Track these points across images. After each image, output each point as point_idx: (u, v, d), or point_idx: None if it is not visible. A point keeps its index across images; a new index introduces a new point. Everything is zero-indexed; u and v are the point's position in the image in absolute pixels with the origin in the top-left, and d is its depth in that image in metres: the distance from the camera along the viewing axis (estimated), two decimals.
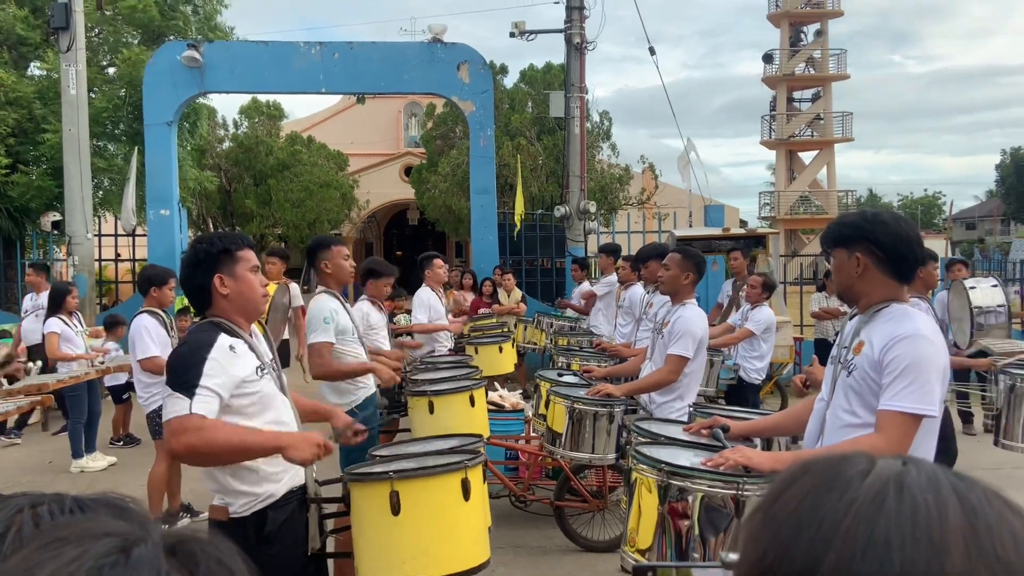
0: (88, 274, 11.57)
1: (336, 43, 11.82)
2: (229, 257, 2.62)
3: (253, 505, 2.55)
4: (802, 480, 0.61)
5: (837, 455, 0.63)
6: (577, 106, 12.54)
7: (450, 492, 2.62)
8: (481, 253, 11.95)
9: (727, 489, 2.35)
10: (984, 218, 51.58)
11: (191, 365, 2.43)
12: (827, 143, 33.58)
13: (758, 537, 0.60)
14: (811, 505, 0.58)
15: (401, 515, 2.52)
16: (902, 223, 2.47)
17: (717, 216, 14.09)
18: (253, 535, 2.53)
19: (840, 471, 0.60)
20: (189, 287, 2.67)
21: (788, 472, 0.63)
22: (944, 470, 0.60)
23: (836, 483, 0.59)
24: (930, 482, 0.58)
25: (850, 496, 0.57)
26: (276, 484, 2.59)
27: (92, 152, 12.40)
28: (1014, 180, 38.60)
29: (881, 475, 0.59)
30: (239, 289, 2.62)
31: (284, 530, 2.59)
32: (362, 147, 28.96)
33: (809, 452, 2.56)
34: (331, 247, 4.42)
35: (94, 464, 7.30)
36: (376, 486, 2.58)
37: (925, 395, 2.28)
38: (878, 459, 0.61)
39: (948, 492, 0.57)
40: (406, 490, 2.54)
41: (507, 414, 6.32)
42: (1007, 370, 5.14)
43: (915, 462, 0.61)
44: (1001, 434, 5.09)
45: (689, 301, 4.30)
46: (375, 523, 2.58)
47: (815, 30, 33.82)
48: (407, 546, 2.56)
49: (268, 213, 23.41)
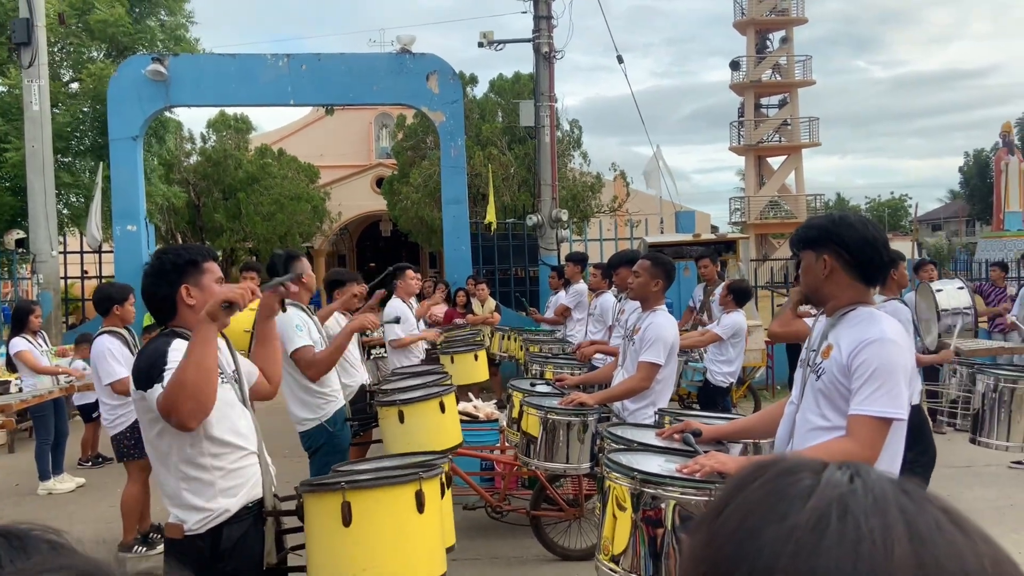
0: (54, 292, 11.37)
1: (304, 55, 11.77)
2: (195, 268, 2.65)
3: (208, 522, 2.53)
4: (746, 494, 0.58)
5: (785, 464, 0.60)
6: (547, 115, 12.58)
7: (403, 504, 2.59)
8: (454, 263, 11.93)
9: (700, 496, 2.34)
10: (949, 219, 52.44)
11: (153, 362, 2.47)
12: (795, 148, 33.99)
13: (699, 557, 0.57)
14: (752, 529, 0.55)
15: (352, 526, 2.50)
16: (868, 226, 2.49)
17: (688, 222, 14.18)
18: (208, 552, 2.51)
19: (784, 489, 0.57)
20: (153, 297, 2.65)
21: (735, 480, 0.60)
22: (894, 487, 0.56)
23: (779, 504, 0.56)
24: (876, 504, 0.54)
25: (791, 523, 0.54)
26: (232, 499, 2.57)
27: (57, 168, 12.22)
28: (977, 181, 39.33)
29: (824, 496, 0.55)
30: (204, 300, 2.62)
31: (239, 546, 2.57)
32: (333, 159, 28.81)
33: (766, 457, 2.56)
34: (301, 259, 4.48)
35: (62, 486, 7.16)
36: (327, 496, 2.56)
37: (894, 398, 2.30)
38: (825, 473, 0.58)
39: (895, 517, 0.53)
40: (357, 500, 2.52)
41: (481, 424, 6.29)
42: (986, 370, 5.19)
43: (863, 477, 0.57)
44: (979, 432, 5.14)
45: (659, 307, 4.31)
46: (327, 534, 2.56)
47: (781, 37, 34.27)
48: (358, 557, 2.53)
49: (238, 227, 23.17)
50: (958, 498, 6.05)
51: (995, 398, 5.03)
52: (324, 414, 4.36)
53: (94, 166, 13.08)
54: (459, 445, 4.53)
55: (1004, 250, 19.16)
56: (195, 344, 2.40)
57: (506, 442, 5.82)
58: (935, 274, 8.12)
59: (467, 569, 4.96)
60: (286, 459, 5.70)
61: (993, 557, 0.53)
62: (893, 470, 2.36)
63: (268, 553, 2.69)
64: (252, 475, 2.66)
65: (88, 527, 6.15)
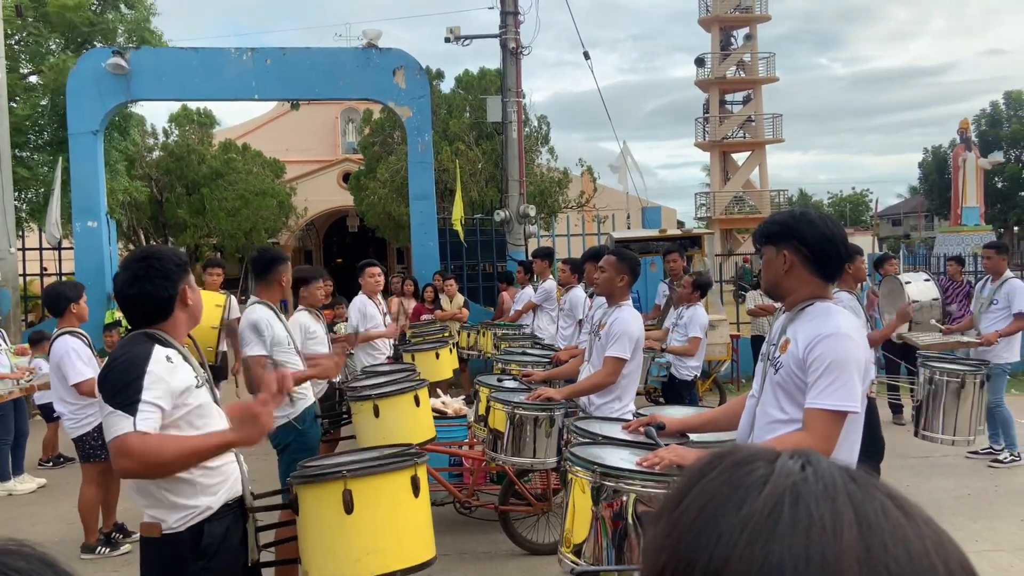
0: (12, 290, 11.15)
1: (268, 49, 11.64)
2: (187, 270, 2.73)
3: (189, 519, 2.50)
4: (704, 484, 0.61)
5: (740, 454, 0.63)
6: (514, 111, 12.58)
7: (402, 488, 2.67)
8: (422, 259, 11.90)
9: (659, 488, 2.38)
10: (909, 214, 53.41)
11: (130, 380, 2.38)
12: (759, 144, 34.39)
13: (659, 548, 0.60)
14: (710, 517, 0.58)
15: (355, 513, 2.54)
16: (828, 223, 2.54)
17: (654, 217, 14.30)
18: (189, 550, 2.49)
19: (740, 479, 0.59)
20: (149, 299, 2.57)
21: (693, 470, 0.63)
22: (843, 474, 0.59)
23: (736, 493, 0.58)
24: (826, 491, 0.57)
25: (747, 511, 0.57)
26: (213, 497, 2.55)
27: (14, 163, 11.96)
28: (936, 177, 40.09)
29: (778, 484, 0.58)
30: (196, 299, 2.70)
31: (222, 543, 2.55)
32: (299, 154, 28.57)
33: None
34: (287, 262, 4.57)
35: (22, 487, 7.04)
36: (328, 485, 2.59)
37: (848, 392, 2.36)
38: (778, 461, 0.61)
39: (844, 503, 0.56)
40: (359, 488, 2.57)
41: (450, 420, 6.30)
42: (926, 363, 5.29)
43: (814, 464, 0.60)
44: (920, 425, 5.23)
45: (625, 303, 4.35)
46: (327, 523, 2.59)
47: (744, 34, 34.63)
48: (360, 544, 2.58)
49: (202, 223, 22.90)
50: (917, 489, 6.19)
51: (932, 391, 5.12)
52: (292, 412, 4.34)
53: (52, 161, 12.84)
54: (432, 439, 4.54)
55: (962, 244, 19.57)
56: (214, 446, 2.42)
57: (474, 438, 5.83)
58: (897, 268, 8.26)
59: (436, 564, 4.97)
60: (251, 456, 5.66)
61: (935, 539, 0.56)
62: (851, 461, 2.42)
63: (252, 550, 2.68)
64: (232, 472, 2.65)
65: (50, 527, 6.06)
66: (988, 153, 26.17)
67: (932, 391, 5.12)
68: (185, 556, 2.47)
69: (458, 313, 10.16)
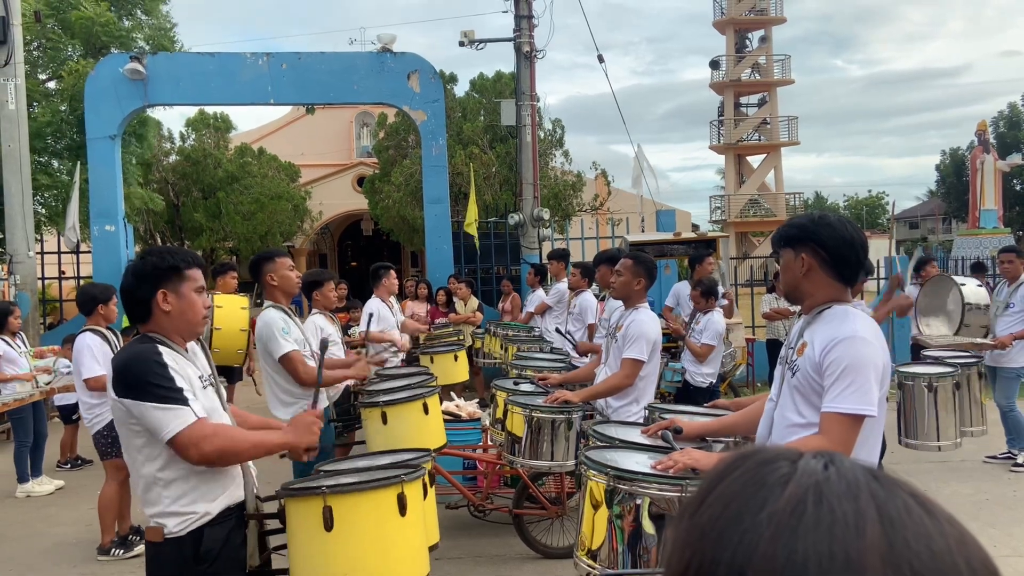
0: (31, 293, 11.25)
1: (284, 54, 11.70)
2: (176, 274, 2.60)
3: (188, 524, 2.52)
4: (727, 483, 0.61)
5: (763, 454, 0.63)
6: (528, 114, 12.59)
7: (385, 507, 2.57)
8: (436, 263, 11.92)
9: (673, 492, 2.37)
10: (926, 217, 52.99)
11: (155, 372, 2.42)
12: (774, 147, 34.25)
13: (683, 545, 0.60)
14: (734, 516, 0.58)
15: (334, 531, 2.48)
16: (847, 226, 2.52)
17: (669, 221, 14.23)
18: (190, 554, 2.51)
19: (763, 477, 0.60)
20: (129, 298, 2.61)
21: (716, 471, 0.63)
22: (865, 473, 0.59)
23: (759, 492, 0.59)
24: (849, 489, 0.57)
25: (770, 509, 0.57)
26: (211, 503, 2.56)
27: (34, 168, 12.08)
28: (954, 180, 39.79)
29: (801, 483, 0.58)
30: (181, 308, 2.59)
31: (223, 548, 2.56)
32: (314, 158, 28.67)
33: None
34: (275, 259, 4.47)
35: (40, 488, 7.10)
36: (308, 501, 2.54)
37: (864, 395, 2.34)
38: (800, 461, 0.61)
39: (867, 501, 0.56)
40: (339, 505, 2.50)
41: (464, 424, 6.30)
42: (899, 370, 5.14)
43: (837, 464, 0.60)
44: (902, 433, 5.12)
45: (642, 305, 4.34)
46: (308, 539, 2.55)
47: (760, 36, 34.52)
48: (340, 562, 2.52)
49: (218, 227, 23.01)
50: (934, 494, 6.11)
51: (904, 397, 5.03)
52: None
53: (72, 166, 12.96)
54: (443, 446, 4.53)
55: (980, 247, 19.41)
56: (274, 444, 2.73)
57: (488, 441, 5.83)
58: (938, 271, 8.19)
59: (450, 567, 4.98)
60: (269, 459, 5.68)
61: (958, 538, 0.56)
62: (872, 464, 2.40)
63: (251, 555, 2.69)
64: (234, 476, 2.66)
65: (67, 529, 6.10)
66: (1006, 155, 25.93)
67: (906, 397, 5.03)
68: (187, 560, 2.49)
69: (472, 317, 10.17)
